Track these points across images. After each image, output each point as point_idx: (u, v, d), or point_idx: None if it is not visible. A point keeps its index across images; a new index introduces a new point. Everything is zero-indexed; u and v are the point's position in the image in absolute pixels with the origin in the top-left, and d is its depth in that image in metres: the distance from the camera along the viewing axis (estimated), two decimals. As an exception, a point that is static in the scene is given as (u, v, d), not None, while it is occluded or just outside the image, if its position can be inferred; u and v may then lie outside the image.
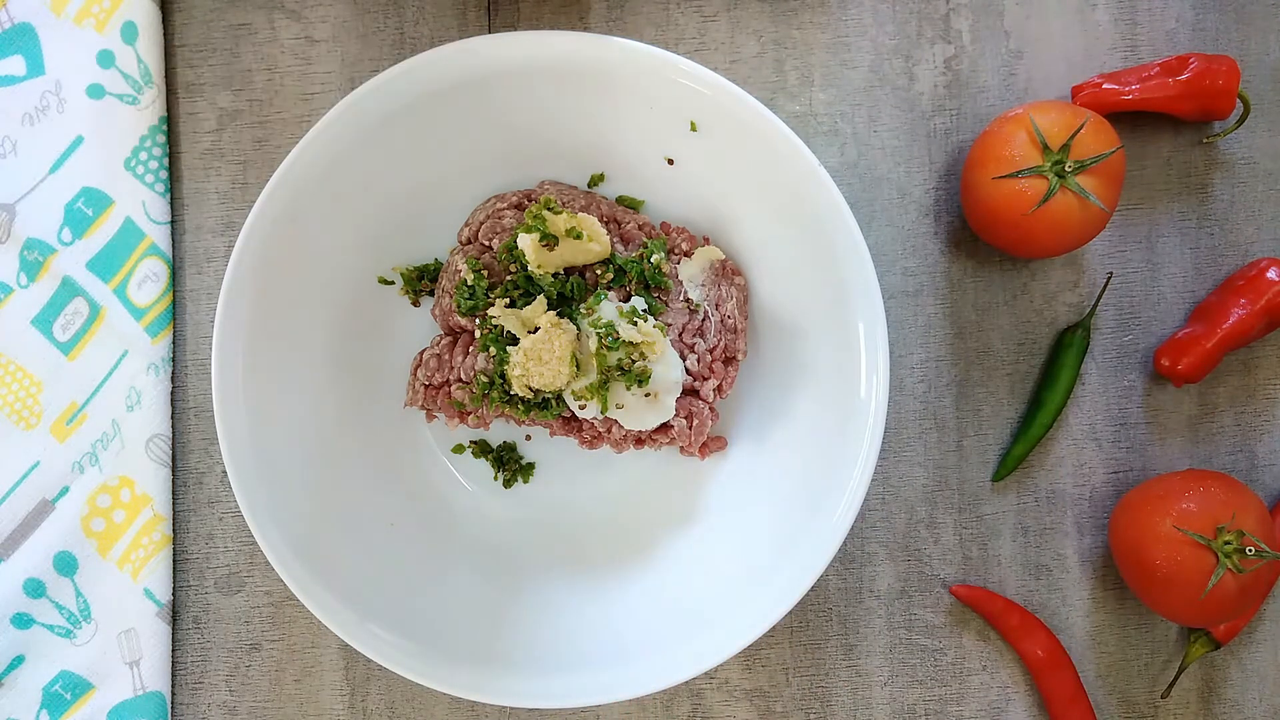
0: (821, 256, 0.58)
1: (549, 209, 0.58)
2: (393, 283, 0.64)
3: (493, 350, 0.59)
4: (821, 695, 0.66)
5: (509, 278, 0.60)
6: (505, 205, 0.61)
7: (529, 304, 0.60)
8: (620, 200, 0.64)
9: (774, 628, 0.62)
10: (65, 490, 0.65)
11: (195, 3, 0.66)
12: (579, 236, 0.59)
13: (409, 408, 0.63)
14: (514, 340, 0.59)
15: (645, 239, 0.62)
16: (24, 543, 0.64)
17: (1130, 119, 0.65)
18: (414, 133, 0.59)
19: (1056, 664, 0.64)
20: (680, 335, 0.61)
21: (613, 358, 0.58)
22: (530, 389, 0.59)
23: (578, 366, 0.59)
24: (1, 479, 0.65)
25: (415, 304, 0.65)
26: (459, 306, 0.60)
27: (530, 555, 0.64)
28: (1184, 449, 0.66)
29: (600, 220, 0.61)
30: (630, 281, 0.61)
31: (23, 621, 0.64)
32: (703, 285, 0.62)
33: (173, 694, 0.66)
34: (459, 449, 0.66)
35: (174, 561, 0.66)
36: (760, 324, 0.63)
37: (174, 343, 0.66)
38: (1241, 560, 0.58)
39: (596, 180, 0.64)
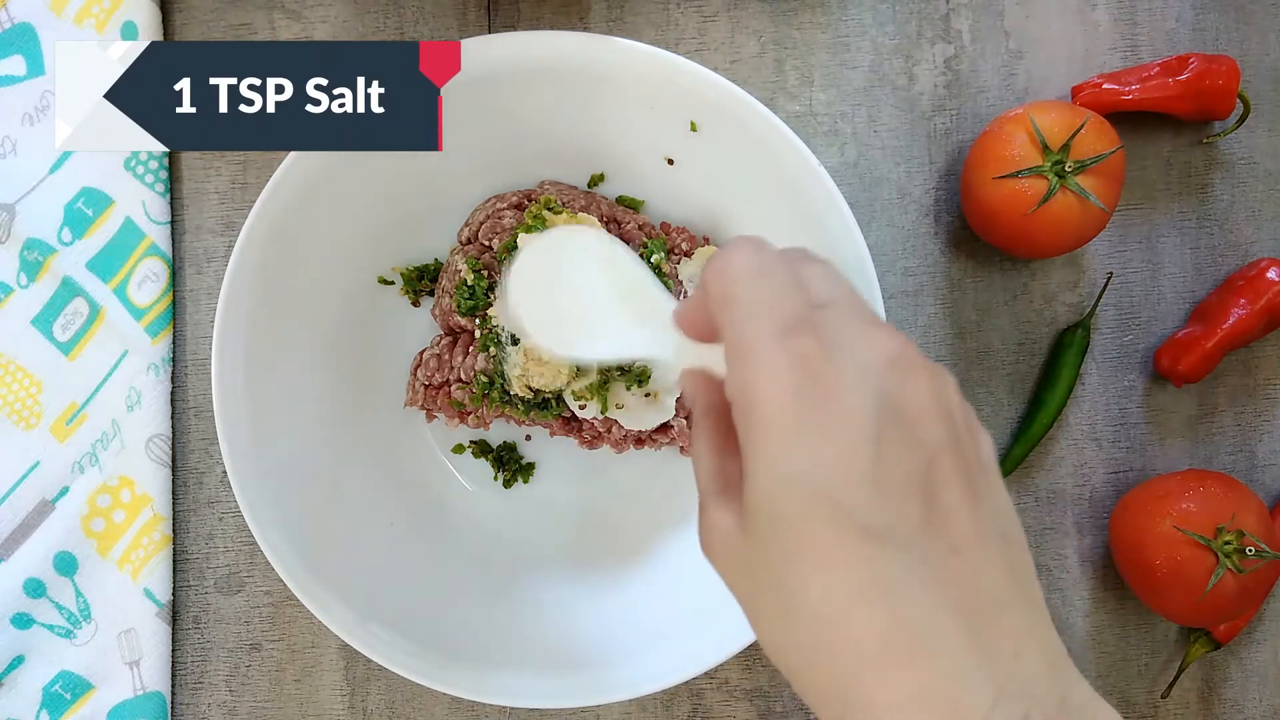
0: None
1: (549, 209, 0.58)
2: (393, 283, 0.64)
3: (493, 350, 0.59)
4: (821, 695, 0.66)
5: (509, 278, 0.60)
6: (505, 205, 0.61)
7: (529, 304, 0.59)
8: (620, 200, 0.64)
9: (774, 628, 0.62)
10: (65, 490, 0.65)
11: (195, 3, 0.66)
12: (579, 236, 0.59)
13: (409, 408, 0.63)
14: (514, 340, 0.59)
15: (645, 239, 0.62)
16: (24, 543, 0.64)
17: (1130, 119, 0.65)
18: (414, 133, 0.59)
19: (1056, 664, 0.64)
20: (680, 335, 0.61)
21: (613, 358, 0.58)
22: (530, 389, 0.59)
23: (578, 366, 0.59)
24: (1, 479, 0.64)
25: (415, 304, 0.65)
26: (459, 306, 0.60)
27: (530, 555, 0.64)
28: (1184, 449, 0.66)
29: (600, 220, 0.61)
30: (630, 281, 0.61)
31: (23, 621, 0.64)
32: (703, 285, 0.62)
33: (173, 694, 0.66)
34: (459, 449, 0.66)
35: (174, 561, 0.66)
36: (760, 324, 0.63)
37: (174, 343, 0.66)
38: (1241, 560, 0.58)
39: (596, 180, 0.63)
